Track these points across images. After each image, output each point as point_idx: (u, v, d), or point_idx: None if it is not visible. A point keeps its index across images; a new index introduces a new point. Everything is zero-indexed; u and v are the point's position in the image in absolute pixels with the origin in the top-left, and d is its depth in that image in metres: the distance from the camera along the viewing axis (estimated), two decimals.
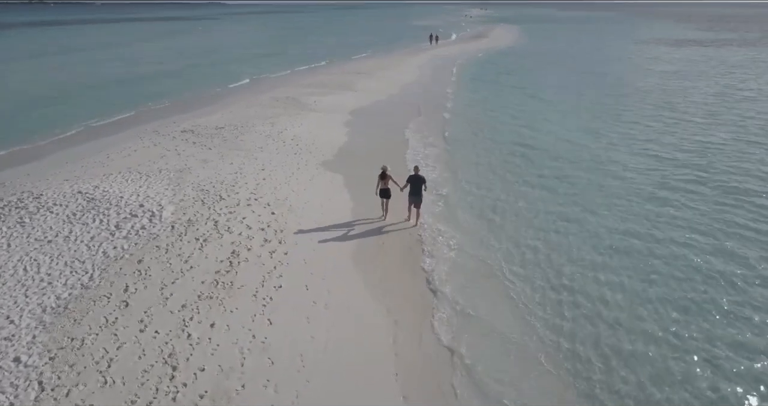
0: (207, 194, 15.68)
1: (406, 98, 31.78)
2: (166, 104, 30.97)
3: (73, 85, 37.39)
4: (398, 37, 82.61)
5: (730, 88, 34.31)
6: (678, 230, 13.93)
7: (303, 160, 19.43)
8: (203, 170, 17.93)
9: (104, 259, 11.82)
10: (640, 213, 14.93)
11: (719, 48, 63.23)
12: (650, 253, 12.77)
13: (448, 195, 16.53)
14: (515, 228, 14.24)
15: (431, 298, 11.13)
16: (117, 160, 19.02)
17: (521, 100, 31.01)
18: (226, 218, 14.13)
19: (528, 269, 12.17)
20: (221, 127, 23.64)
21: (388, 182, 14.15)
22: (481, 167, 19.15)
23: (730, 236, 13.59)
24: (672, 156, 19.97)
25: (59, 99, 32.39)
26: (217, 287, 11.02)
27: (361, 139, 22.50)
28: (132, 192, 15.37)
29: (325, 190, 16.77)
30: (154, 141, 21.52)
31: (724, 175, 17.80)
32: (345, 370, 8.89)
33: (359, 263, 12.41)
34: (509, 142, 22.04)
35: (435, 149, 21.30)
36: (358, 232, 14.09)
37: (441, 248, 13.17)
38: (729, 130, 23.52)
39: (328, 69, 45.38)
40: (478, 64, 48.17)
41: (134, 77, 40.96)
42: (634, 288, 11.34)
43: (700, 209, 15.15)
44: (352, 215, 15.06)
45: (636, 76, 40.68)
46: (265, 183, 16.90)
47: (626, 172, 18.17)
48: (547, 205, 15.65)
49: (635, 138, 22.42)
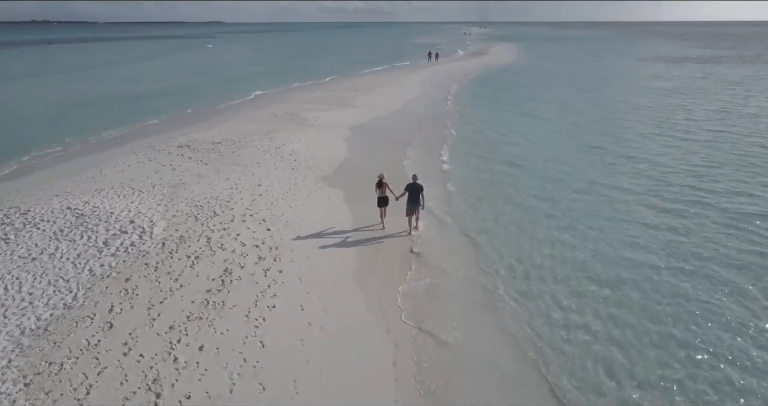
0: (201, 210, 15.18)
1: (406, 115, 31.45)
2: (163, 120, 30.64)
3: (70, 102, 37.14)
4: (398, 54, 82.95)
5: (730, 105, 33.96)
6: (681, 255, 13.09)
7: (301, 176, 18.98)
8: (198, 186, 17.46)
9: (90, 277, 11.27)
10: (640, 235, 14.10)
11: (717, 65, 63.38)
12: (650, 283, 11.98)
13: (448, 213, 16.04)
14: (515, 250, 13.53)
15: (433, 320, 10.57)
16: (110, 176, 18.56)
17: (520, 118, 30.51)
18: (219, 235, 13.61)
19: (527, 295, 11.41)
20: (218, 142, 23.24)
21: (385, 190, 14.33)
22: (481, 185, 18.53)
23: (735, 260, 12.93)
24: (673, 175, 19.26)
25: (56, 116, 32.09)
26: (207, 306, 10.46)
27: (361, 154, 22.08)
28: (123, 208, 14.87)
29: (324, 205, 16.28)
30: (149, 156, 21.09)
31: (726, 196, 16.99)
32: (341, 396, 8.30)
33: (358, 281, 11.88)
34: (507, 161, 21.24)
35: (434, 167, 20.82)
36: (357, 247, 13.58)
37: (436, 268, 12.63)
38: (730, 148, 22.90)
39: (328, 86, 45.27)
40: (477, 82, 48.08)
41: (133, 95, 40.66)
42: (632, 320, 10.67)
43: (703, 233, 14.27)
44: (350, 230, 14.56)
45: (635, 93, 40.45)
46: (262, 199, 16.41)
47: (626, 194, 17.25)
48: (547, 224, 14.95)
49: (635, 156, 21.67)
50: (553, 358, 9.30)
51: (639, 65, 65.04)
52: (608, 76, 53.31)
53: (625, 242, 13.70)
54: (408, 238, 14.13)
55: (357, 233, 14.47)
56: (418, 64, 63.94)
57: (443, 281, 11.97)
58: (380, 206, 14.46)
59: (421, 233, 14.40)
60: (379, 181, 14.34)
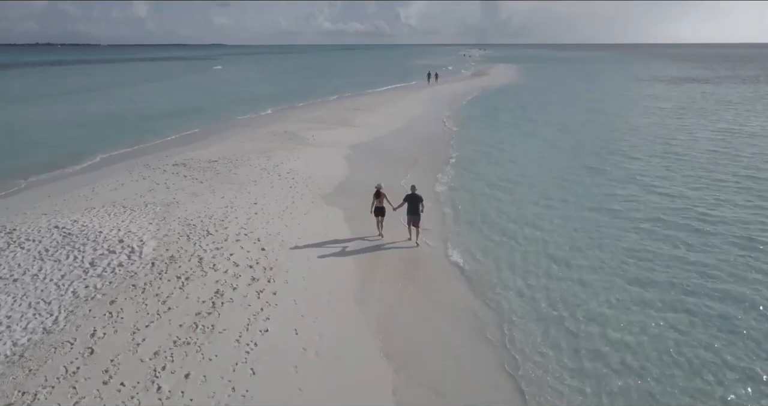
0: (193, 229, 14.66)
1: (406, 135, 31.13)
2: (161, 140, 30.26)
3: (69, 122, 36.83)
4: (398, 75, 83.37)
5: (732, 125, 33.55)
6: (684, 277, 12.63)
7: (298, 194, 18.50)
8: (192, 204, 16.97)
9: (73, 299, 10.69)
10: (643, 258, 13.43)
11: (717, 85, 63.51)
12: (655, 305, 11.50)
13: (450, 233, 15.53)
14: (512, 277, 12.83)
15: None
16: (102, 194, 18.08)
17: (520, 139, 29.87)
18: (211, 255, 13.06)
19: (532, 321, 10.79)
20: (214, 160, 22.84)
21: (382, 200, 14.55)
22: (480, 205, 17.88)
23: (744, 284, 12.40)
24: (676, 197, 18.56)
25: (52, 136, 31.69)
26: (195, 330, 9.87)
27: (359, 173, 21.62)
28: (113, 227, 14.35)
29: (321, 224, 15.76)
30: (144, 174, 20.65)
31: (730, 220, 16.29)
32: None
33: (356, 302, 11.31)
34: (507, 182, 20.65)
35: (434, 187, 20.34)
36: (355, 265, 13.05)
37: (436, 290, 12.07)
38: (733, 169, 22.29)
39: (328, 105, 45.17)
40: (477, 102, 47.92)
41: (135, 115, 40.25)
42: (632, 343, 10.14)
43: (708, 255, 13.65)
44: (348, 249, 14.04)
45: (635, 113, 40.09)
46: (257, 217, 15.91)
47: (625, 218, 16.46)
48: (547, 246, 14.36)
49: (636, 178, 20.93)
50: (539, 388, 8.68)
51: (638, 85, 65.18)
52: (608, 96, 53.24)
53: (628, 275, 12.71)
54: (409, 243, 14.40)
55: (355, 250, 13.96)
56: (419, 85, 64.12)
57: (440, 306, 11.40)
58: (377, 215, 14.69)
59: (419, 247, 14.31)
60: (377, 191, 14.57)
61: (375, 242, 14.61)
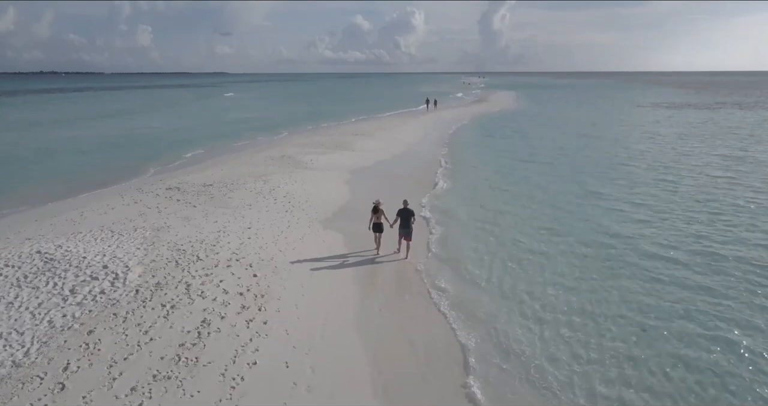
0: (183, 254, 13.99)
1: (406, 159, 30.73)
2: (158, 164, 29.79)
3: (63, 149, 36.23)
4: (398, 102, 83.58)
5: (736, 150, 32.95)
6: (689, 308, 11.97)
7: (294, 218, 17.90)
8: (183, 229, 16.34)
9: (48, 329, 9.97)
10: (647, 293, 12.54)
11: (718, 111, 63.51)
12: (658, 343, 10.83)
13: (446, 258, 14.89)
14: (508, 302, 12.33)
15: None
16: (90, 219, 17.47)
17: (521, 164, 29.12)
18: (200, 281, 12.37)
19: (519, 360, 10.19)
20: (209, 184, 22.29)
21: (380, 217, 14.68)
22: (481, 230, 17.27)
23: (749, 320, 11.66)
24: (681, 223, 17.88)
25: (46, 162, 31.26)
26: (178, 363, 9.12)
27: (356, 197, 20.99)
28: (98, 252, 13.68)
29: (317, 249, 15.11)
30: (136, 198, 20.08)
31: (737, 248, 15.55)
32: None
33: (351, 331, 10.59)
34: (508, 207, 20.06)
35: (434, 212, 19.77)
36: (351, 292, 12.38)
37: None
38: (742, 194, 21.64)
39: (327, 130, 44.98)
40: (477, 127, 47.54)
41: (130, 142, 39.64)
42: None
43: (714, 290, 12.78)
44: (344, 273, 13.40)
45: (637, 139, 39.48)
46: (250, 242, 15.25)
47: (626, 245, 15.68)
48: (549, 276, 13.60)
49: (641, 203, 20.34)
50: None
51: (639, 111, 65.13)
52: (608, 121, 52.96)
53: (630, 306, 11.93)
54: (398, 256, 14.70)
55: (352, 274, 13.37)
56: (418, 111, 64.19)
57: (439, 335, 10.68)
58: (375, 231, 14.81)
59: (409, 262, 14.45)
60: (375, 207, 14.70)
61: (372, 260, 14.51)
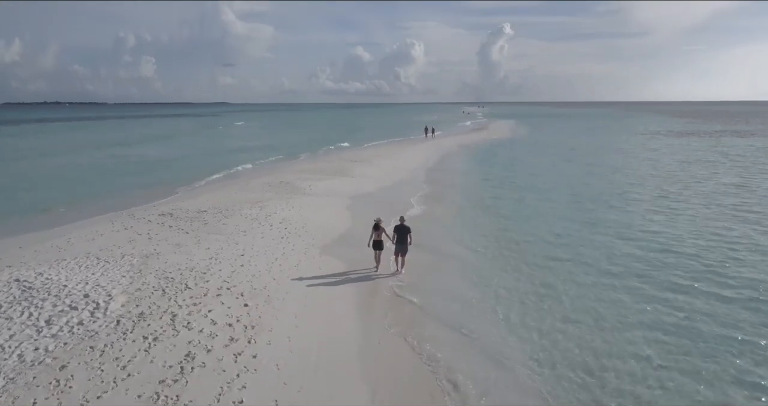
0: (171, 283, 13.24)
1: (405, 186, 30.11)
2: (150, 191, 29.20)
3: (57, 177, 35.75)
4: (398, 131, 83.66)
5: (743, 179, 32.09)
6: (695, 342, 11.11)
7: (290, 245, 17.18)
8: (174, 255, 15.63)
9: (18, 364, 9.16)
10: (653, 326, 11.67)
11: (720, 138, 63.16)
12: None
13: (454, 289, 14.14)
14: (504, 332, 11.58)
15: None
16: (77, 245, 16.76)
17: (523, 194, 28.06)
18: (187, 311, 11.60)
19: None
20: (204, 210, 21.66)
21: (381, 234, 14.86)
22: (483, 261, 16.49)
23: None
24: (686, 257, 16.69)
25: (38, 189, 30.62)
26: (157, 402, 8.30)
27: (354, 224, 20.29)
28: (80, 280, 12.94)
29: (312, 277, 14.34)
30: (126, 224, 19.41)
31: (746, 272, 14.91)
32: None
33: (348, 365, 9.75)
34: (510, 237, 19.11)
35: (435, 241, 19.10)
36: (347, 322, 11.59)
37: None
38: (754, 223, 20.72)
39: (325, 157, 44.67)
40: (477, 155, 47.05)
41: (126, 170, 39.04)
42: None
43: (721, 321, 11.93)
44: (340, 300, 12.62)
45: (640, 166, 38.77)
46: (243, 270, 14.52)
47: (636, 281, 14.65)
48: (552, 304, 12.88)
49: (648, 231, 19.60)
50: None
51: (640, 139, 64.71)
52: (611, 149, 52.32)
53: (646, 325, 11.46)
54: (399, 277, 14.54)
55: (348, 301, 12.58)
56: (417, 139, 64.06)
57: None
58: (375, 249, 14.92)
59: (404, 278, 14.48)
60: (376, 224, 14.90)
61: (370, 282, 14.27)
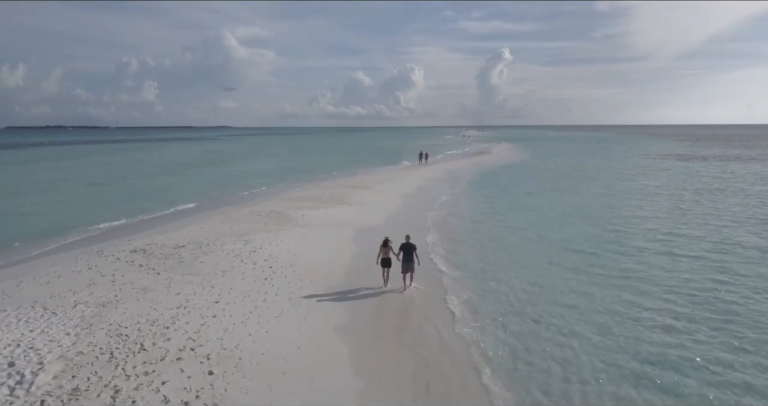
0: (124, 342, 11.00)
1: (405, 213, 27.98)
2: (131, 221, 27.11)
3: (31, 207, 33.83)
4: (397, 155, 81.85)
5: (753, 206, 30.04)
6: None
7: (273, 289, 14.97)
8: (136, 304, 13.41)
9: None
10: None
11: (728, 162, 61.19)
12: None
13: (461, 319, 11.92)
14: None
15: None
16: (27, 290, 14.54)
17: (530, 219, 26.23)
18: (134, 384, 9.33)
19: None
20: (182, 245, 19.50)
21: (389, 252, 14.98)
22: (493, 284, 14.64)
23: None
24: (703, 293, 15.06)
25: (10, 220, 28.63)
26: None
27: (351, 260, 18.21)
28: (12, 341, 10.70)
29: (296, 330, 12.10)
30: (91, 263, 17.20)
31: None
32: None
33: None
34: (510, 261, 17.76)
35: (437, 268, 16.92)
36: (336, 398, 9.26)
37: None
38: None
39: (323, 182, 42.64)
40: (478, 180, 44.73)
41: (115, 197, 36.93)
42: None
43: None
44: (326, 367, 10.34)
45: (651, 192, 36.85)
46: (214, 323, 12.29)
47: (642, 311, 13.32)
48: (556, 323, 10.89)
49: (665, 253, 17.80)
50: None
51: (646, 162, 62.82)
52: (617, 172, 50.49)
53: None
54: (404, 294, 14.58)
55: (340, 365, 10.24)
56: (415, 165, 62.16)
57: None
58: (383, 266, 15.03)
59: (413, 293, 14.75)
60: (384, 241, 15.07)
61: (377, 290, 14.72)
